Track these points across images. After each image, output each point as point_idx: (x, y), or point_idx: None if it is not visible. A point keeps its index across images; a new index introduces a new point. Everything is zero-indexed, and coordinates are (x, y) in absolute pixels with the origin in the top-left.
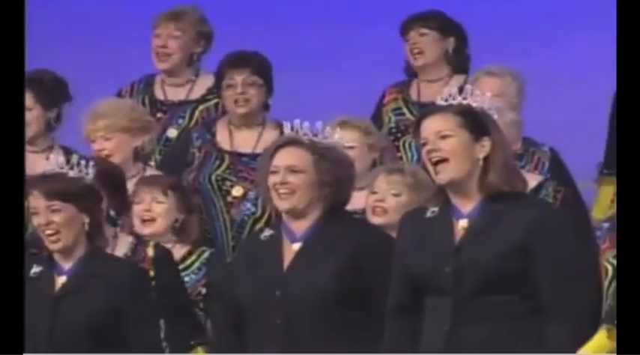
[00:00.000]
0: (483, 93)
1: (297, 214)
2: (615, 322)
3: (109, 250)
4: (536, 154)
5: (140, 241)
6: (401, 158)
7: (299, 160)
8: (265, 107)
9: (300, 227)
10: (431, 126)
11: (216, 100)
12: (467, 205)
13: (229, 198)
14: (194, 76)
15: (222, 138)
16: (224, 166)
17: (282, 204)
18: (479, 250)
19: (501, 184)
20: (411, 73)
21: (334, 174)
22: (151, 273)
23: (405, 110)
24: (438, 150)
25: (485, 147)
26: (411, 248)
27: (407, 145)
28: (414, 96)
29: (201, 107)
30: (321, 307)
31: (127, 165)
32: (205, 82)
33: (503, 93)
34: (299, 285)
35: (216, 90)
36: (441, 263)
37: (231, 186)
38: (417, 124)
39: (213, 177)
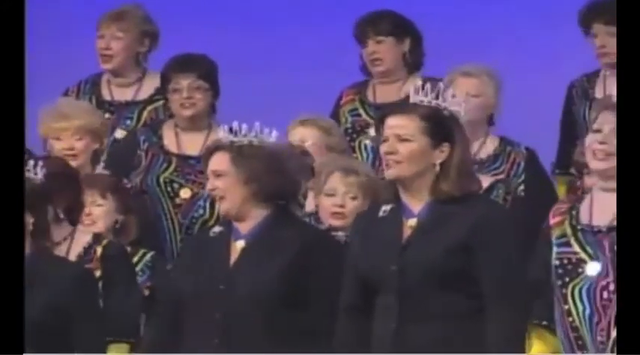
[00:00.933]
0: (457, 94)
1: (236, 217)
2: (544, 322)
3: (64, 249)
4: (513, 154)
5: (97, 240)
6: (356, 159)
7: (220, 164)
8: (212, 110)
9: (246, 226)
10: (394, 126)
11: (164, 101)
12: (417, 205)
13: (177, 200)
14: (141, 76)
15: (169, 140)
16: (171, 169)
17: (220, 210)
18: (424, 248)
19: (454, 190)
20: (368, 73)
21: (253, 168)
22: (98, 272)
23: (361, 111)
24: (394, 152)
25: (443, 152)
26: (361, 247)
27: (363, 146)
28: (370, 98)
29: (149, 108)
30: (263, 305)
31: (87, 166)
32: (153, 82)
33: (481, 93)
34: (243, 282)
35: (163, 90)
36: (387, 261)
37: (179, 189)
38: (382, 119)
39: (160, 180)
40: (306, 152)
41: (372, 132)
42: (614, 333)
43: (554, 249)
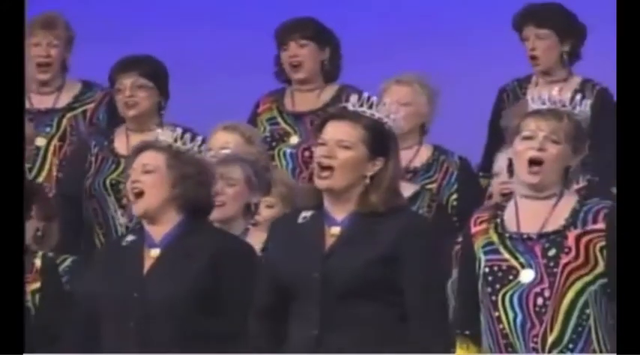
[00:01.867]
0: (387, 103)
1: (150, 218)
2: (466, 331)
3: None
4: (446, 163)
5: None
6: (276, 167)
7: (153, 160)
8: (159, 110)
9: (159, 232)
10: (336, 131)
11: (83, 108)
12: (341, 213)
13: (124, 201)
14: (61, 84)
15: (120, 143)
16: (119, 170)
17: (135, 208)
18: (348, 258)
19: (380, 205)
20: (284, 80)
21: (184, 174)
22: (38, 285)
23: (279, 119)
24: (333, 157)
25: (376, 166)
26: (280, 253)
27: (282, 154)
28: (288, 106)
29: (68, 115)
30: (177, 312)
31: None
32: (72, 90)
33: (412, 101)
34: (157, 290)
35: (82, 97)
36: (309, 268)
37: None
38: (324, 123)
39: (107, 182)
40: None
41: (292, 140)
42: (550, 339)
43: (483, 257)
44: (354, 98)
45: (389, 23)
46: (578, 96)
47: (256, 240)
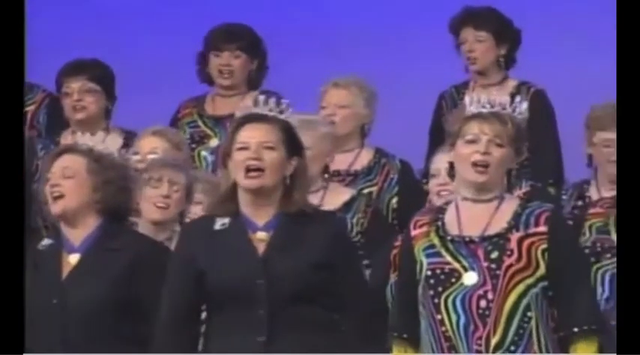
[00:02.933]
0: (326, 105)
1: (69, 220)
2: (404, 334)
3: None
4: (387, 166)
5: None
6: (196, 169)
7: (73, 165)
8: (107, 113)
9: (78, 236)
10: (256, 134)
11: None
12: (263, 217)
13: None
14: None
15: None
16: None
17: (53, 207)
18: (289, 262)
19: (302, 203)
20: (206, 80)
21: (104, 177)
22: None
23: (199, 123)
24: (260, 159)
25: (293, 166)
26: (208, 260)
27: (201, 156)
28: (209, 110)
29: None
30: (98, 317)
31: None
32: None
33: (350, 104)
34: (75, 295)
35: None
36: (251, 275)
37: None
38: (239, 126)
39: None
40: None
41: (211, 142)
42: (493, 341)
43: (425, 260)
44: (261, 101)
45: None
46: (518, 99)
47: None
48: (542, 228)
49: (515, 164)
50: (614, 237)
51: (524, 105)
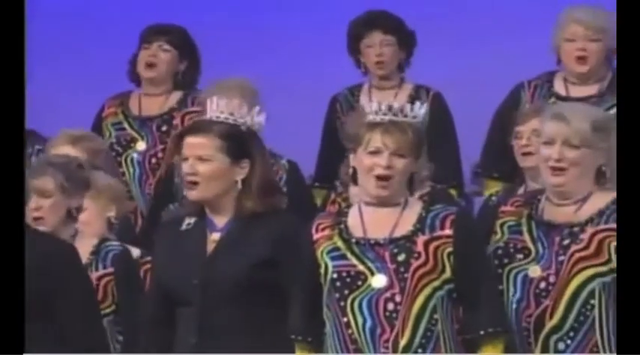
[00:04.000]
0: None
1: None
2: (299, 337)
3: None
4: (275, 167)
5: None
6: (124, 174)
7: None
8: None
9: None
10: (193, 146)
11: None
12: (222, 219)
13: None
14: None
15: None
16: None
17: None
18: (228, 263)
19: (257, 206)
20: (134, 80)
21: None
22: None
23: (125, 125)
24: (195, 173)
25: (244, 169)
26: (164, 260)
27: (129, 160)
28: (134, 111)
29: None
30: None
31: None
32: None
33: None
34: None
35: None
36: (190, 275)
37: None
38: (181, 137)
39: None
40: (82, 165)
41: (138, 145)
42: (402, 343)
43: (330, 263)
44: (213, 105)
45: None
46: (417, 104)
47: (85, 242)
48: (448, 231)
49: (416, 168)
50: (526, 236)
51: (424, 110)
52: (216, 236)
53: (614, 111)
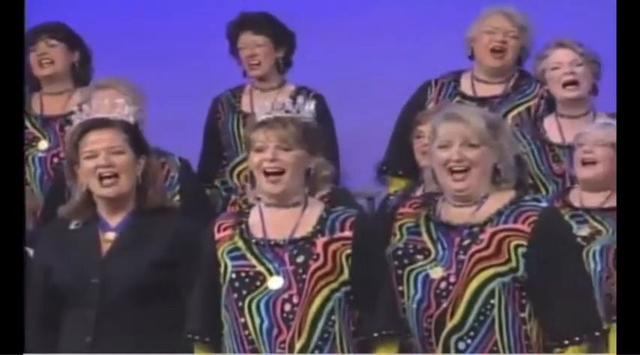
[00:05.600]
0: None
1: None
2: (207, 338)
3: None
4: (167, 165)
5: None
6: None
7: None
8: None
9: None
10: (103, 139)
11: None
12: (116, 218)
13: None
14: None
15: None
16: None
17: None
18: (126, 263)
19: (150, 204)
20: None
21: None
22: None
23: (27, 123)
24: (111, 165)
25: (141, 165)
26: (54, 260)
27: (31, 159)
28: (36, 110)
29: None
30: None
31: None
32: None
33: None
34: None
35: None
36: (86, 275)
37: None
38: (83, 133)
39: None
40: None
41: (40, 145)
42: (298, 345)
43: (230, 263)
44: (111, 104)
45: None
46: (300, 100)
47: None
48: (347, 233)
49: (312, 163)
50: (425, 237)
51: (309, 106)
52: (110, 235)
53: (516, 111)
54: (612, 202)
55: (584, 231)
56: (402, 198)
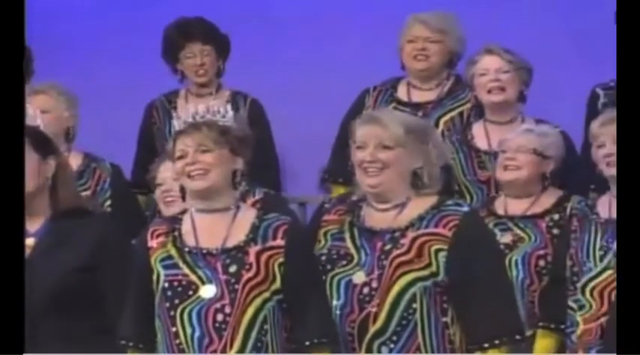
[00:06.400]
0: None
1: None
2: (140, 345)
3: None
4: (98, 170)
5: None
6: None
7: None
8: None
9: None
10: None
11: None
12: (34, 224)
13: None
14: None
15: None
16: None
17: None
18: (46, 270)
19: (68, 203)
20: None
21: None
22: None
23: None
24: None
25: (50, 165)
26: None
27: None
28: None
29: None
30: None
31: None
32: None
33: (51, 108)
34: None
35: None
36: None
37: None
38: None
39: None
40: None
41: None
42: (230, 353)
43: (162, 271)
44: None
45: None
46: (215, 103)
47: None
48: (280, 242)
49: (237, 165)
50: (349, 243)
51: (225, 109)
52: (30, 241)
53: (449, 116)
54: (535, 209)
55: (507, 239)
56: (334, 205)
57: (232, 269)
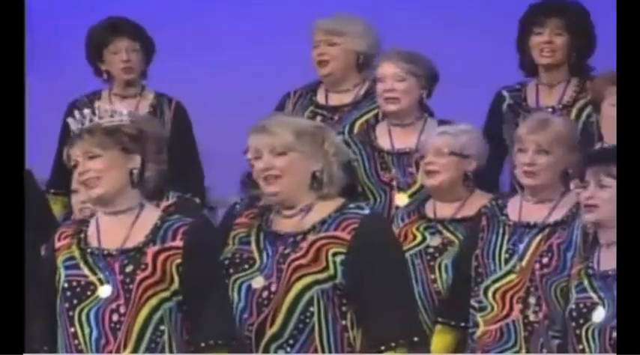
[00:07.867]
0: None
1: None
2: (45, 347)
3: None
4: None
5: None
6: None
7: None
8: None
9: None
10: None
11: None
12: None
13: None
14: None
15: None
16: None
17: None
18: None
19: None
20: None
21: None
22: None
23: None
24: None
25: None
26: None
27: None
28: None
29: None
30: None
31: None
32: None
33: None
34: None
35: None
36: None
37: None
38: None
39: None
40: None
41: None
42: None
43: (63, 272)
44: None
45: None
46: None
47: None
48: (179, 243)
49: (137, 163)
50: (253, 247)
51: (121, 110)
52: None
53: (364, 118)
54: (464, 212)
55: (435, 241)
56: (245, 207)
57: (128, 269)
